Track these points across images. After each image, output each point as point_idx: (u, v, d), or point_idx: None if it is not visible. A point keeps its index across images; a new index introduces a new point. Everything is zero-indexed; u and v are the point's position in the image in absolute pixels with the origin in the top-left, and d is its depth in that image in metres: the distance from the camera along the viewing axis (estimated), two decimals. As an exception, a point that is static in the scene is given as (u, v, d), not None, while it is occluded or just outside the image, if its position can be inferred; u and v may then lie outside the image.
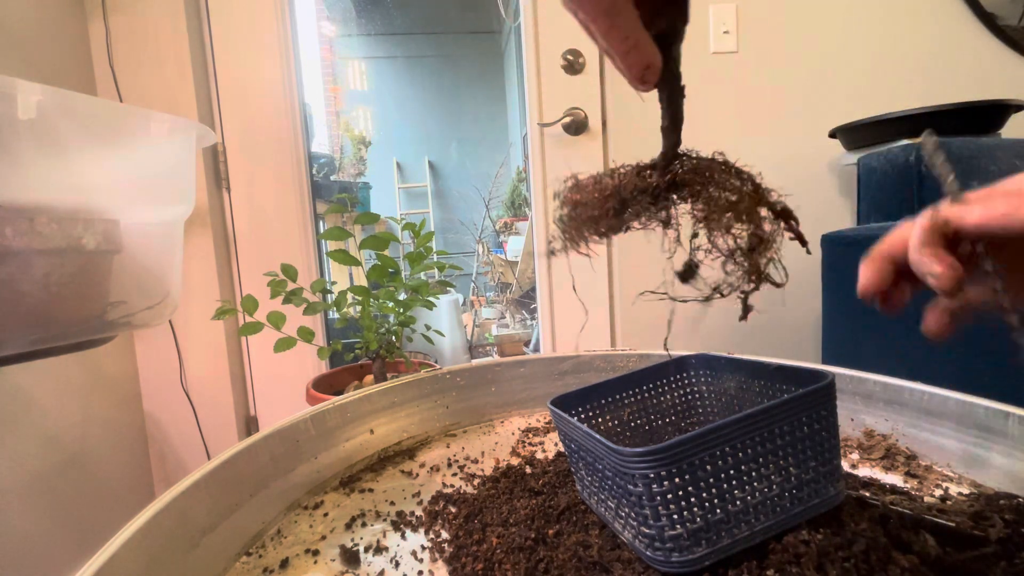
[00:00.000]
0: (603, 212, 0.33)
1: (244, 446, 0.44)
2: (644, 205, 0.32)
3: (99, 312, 0.68)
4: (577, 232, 0.34)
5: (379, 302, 0.82)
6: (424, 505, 0.45)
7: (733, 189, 0.31)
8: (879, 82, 1.38)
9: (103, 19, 1.22)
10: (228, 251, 1.36)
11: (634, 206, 0.33)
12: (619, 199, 0.32)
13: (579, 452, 0.37)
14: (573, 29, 1.37)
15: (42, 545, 0.99)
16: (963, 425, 0.46)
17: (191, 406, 1.33)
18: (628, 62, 0.28)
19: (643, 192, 0.32)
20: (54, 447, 1.05)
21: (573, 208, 0.34)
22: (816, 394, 0.31)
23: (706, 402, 0.46)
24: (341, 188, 2.79)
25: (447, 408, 0.62)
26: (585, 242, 0.34)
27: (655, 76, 0.29)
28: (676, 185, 0.32)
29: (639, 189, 0.32)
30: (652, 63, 0.29)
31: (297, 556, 0.39)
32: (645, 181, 0.32)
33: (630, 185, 0.32)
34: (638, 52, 0.28)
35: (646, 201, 0.32)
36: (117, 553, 0.30)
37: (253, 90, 1.33)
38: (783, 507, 0.31)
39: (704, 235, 0.32)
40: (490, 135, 4.37)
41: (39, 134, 0.56)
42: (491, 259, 3.30)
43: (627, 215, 0.33)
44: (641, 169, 0.33)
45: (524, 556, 0.34)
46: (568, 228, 0.34)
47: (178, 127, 0.75)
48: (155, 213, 0.76)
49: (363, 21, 4.30)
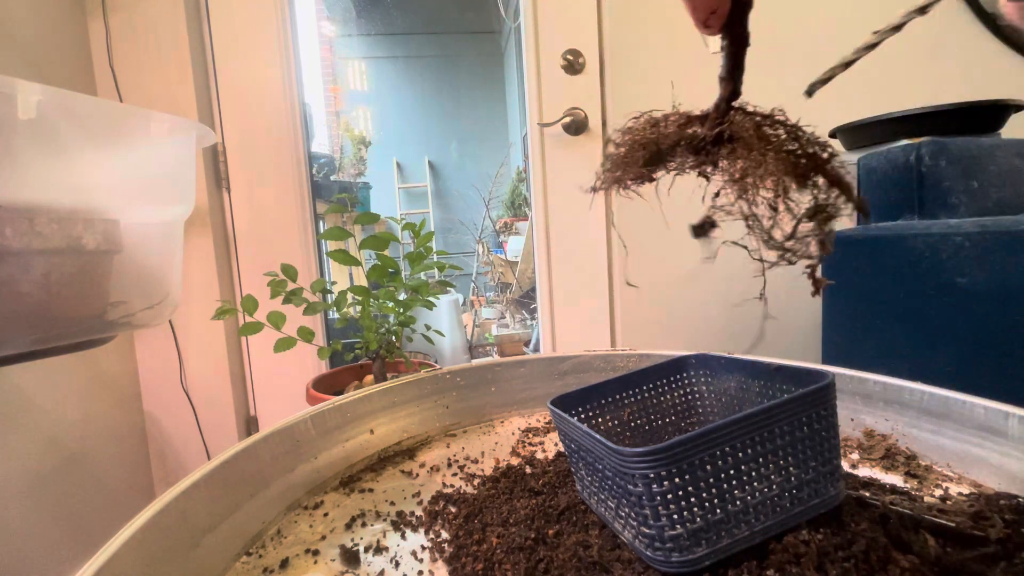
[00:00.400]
0: (636, 158, 0.31)
1: (244, 446, 0.44)
2: (683, 157, 0.31)
3: (99, 312, 0.68)
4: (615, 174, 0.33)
5: (379, 302, 0.82)
6: (424, 505, 0.45)
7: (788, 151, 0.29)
8: (879, 82, 1.38)
9: (103, 19, 1.22)
10: (228, 251, 1.36)
11: (673, 158, 0.31)
12: (656, 148, 0.31)
13: (579, 452, 0.37)
14: (573, 29, 1.37)
15: (42, 545, 0.99)
16: (963, 425, 0.46)
17: (191, 406, 1.33)
18: (694, 3, 0.27)
19: (685, 144, 0.31)
20: (54, 447, 1.05)
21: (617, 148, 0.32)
22: (816, 394, 0.31)
23: (706, 402, 0.46)
24: (341, 188, 2.79)
25: (447, 408, 0.62)
26: (621, 185, 0.33)
27: (719, 22, 0.27)
28: (723, 139, 0.30)
29: (682, 140, 0.31)
30: (719, 7, 0.27)
31: (297, 556, 0.39)
32: (686, 133, 0.31)
33: (672, 136, 0.31)
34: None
35: (686, 153, 0.31)
36: (117, 553, 0.30)
37: (253, 90, 1.33)
38: (783, 507, 0.31)
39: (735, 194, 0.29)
40: (490, 135, 4.37)
41: (39, 134, 0.56)
42: (491, 259, 3.30)
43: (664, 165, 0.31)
44: (690, 120, 0.31)
45: (524, 556, 0.34)
46: (610, 168, 0.33)
47: (178, 127, 0.75)
48: (155, 213, 0.76)
49: (363, 21, 4.30)
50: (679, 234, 1.46)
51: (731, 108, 0.30)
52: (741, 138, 0.29)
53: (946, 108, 1.06)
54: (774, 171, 0.28)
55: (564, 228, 1.43)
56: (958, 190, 0.88)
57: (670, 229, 1.39)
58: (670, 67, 1.36)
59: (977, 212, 0.87)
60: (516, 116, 4.00)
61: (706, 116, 0.31)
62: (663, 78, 1.37)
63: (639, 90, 1.36)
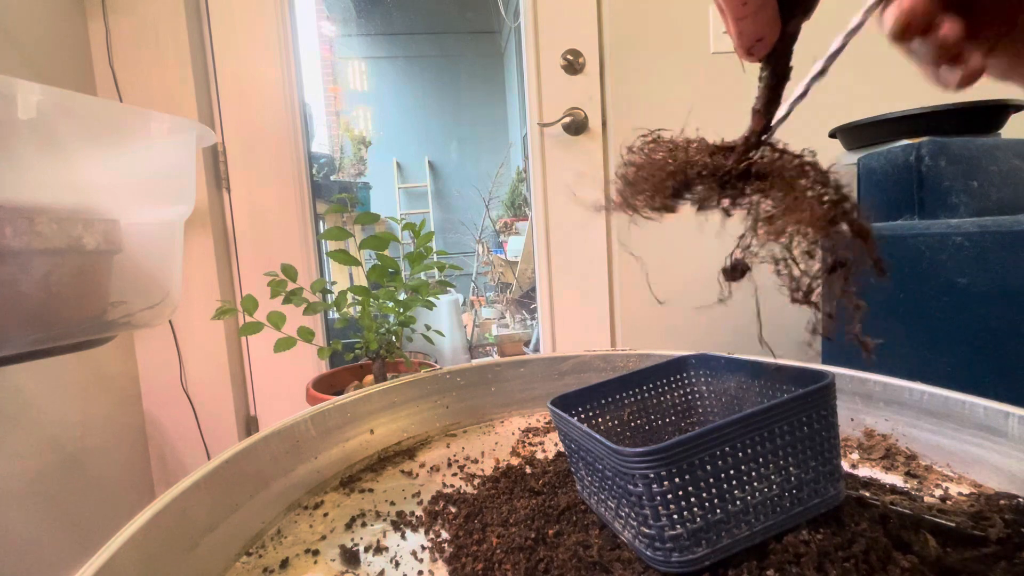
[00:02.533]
0: (661, 187, 0.29)
1: (244, 446, 0.44)
2: (708, 190, 0.29)
3: (99, 312, 0.68)
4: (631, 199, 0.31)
5: (379, 302, 0.82)
6: (424, 505, 0.45)
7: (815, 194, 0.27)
8: (879, 82, 1.38)
9: (103, 19, 1.21)
10: (228, 251, 1.36)
11: (697, 189, 0.29)
12: (683, 178, 0.29)
13: (579, 452, 0.37)
14: (573, 29, 1.37)
15: (42, 545, 0.99)
16: (963, 425, 0.46)
17: (191, 406, 1.33)
18: (740, 28, 0.25)
19: (711, 175, 0.29)
20: (54, 447, 1.05)
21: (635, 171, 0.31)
22: (816, 394, 0.31)
23: (706, 402, 0.46)
24: (341, 188, 2.79)
25: (447, 408, 0.62)
26: (635, 211, 0.31)
27: (764, 51, 0.26)
28: (750, 174, 0.29)
29: (708, 171, 0.29)
30: (766, 36, 0.25)
31: (297, 556, 0.39)
32: (716, 163, 0.29)
33: (699, 165, 0.29)
34: (754, 20, 0.24)
35: (712, 186, 0.29)
36: (117, 553, 0.30)
37: (253, 90, 1.33)
38: (783, 507, 0.31)
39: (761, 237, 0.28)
40: (490, 135, 4.37)
41: (39, 134, 0.56)
42: (491, 259, 3.30)
43: (686, 197, 0.30)
44: (716, 149, 0.30)
45: (524, 556, 0.34)
46: (624, 191, 0.31)
47: (178, 127, 0.75)
48: (155, 213, 0.76)
49: (363, 21, 4.30)
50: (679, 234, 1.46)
51: (760, 143, 0.29)
52: (774, 177, 0.28)
53: (946, 108, 1.06)
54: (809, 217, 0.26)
55: (564, 228, 1.43)
56: (958, 190, 0.88)
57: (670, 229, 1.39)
58: (670, 67, 1.36)
59: (977, 212, 0.87)
60: (516, 116, 4.00)
61: (731, 148, 0.29)
62: (663, 78, 1.37)
63: (639, 90, 1.36)
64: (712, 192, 0.29)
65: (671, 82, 1.37)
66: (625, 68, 1.37)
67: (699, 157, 0.29)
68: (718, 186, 0.29)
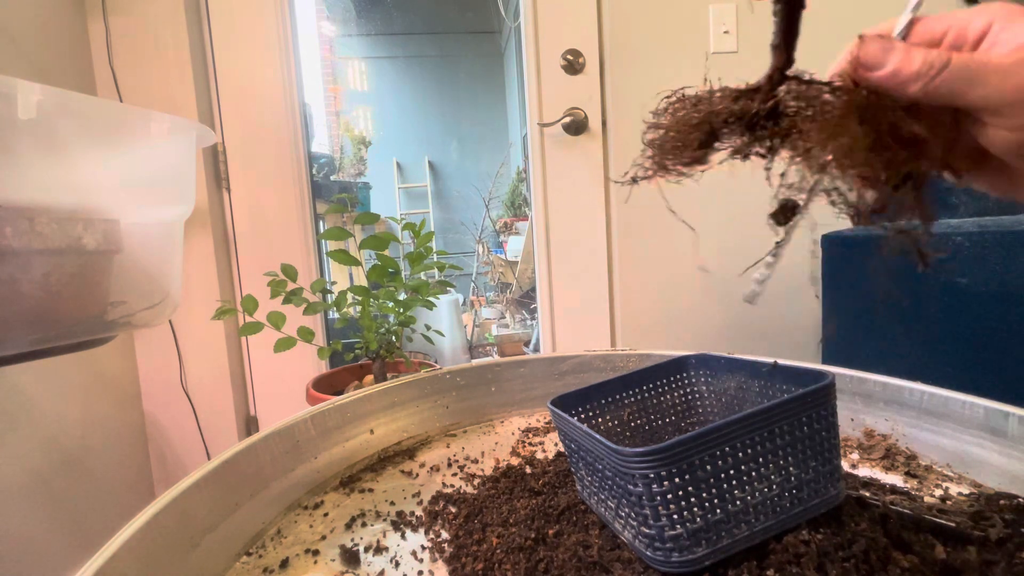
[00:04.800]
0: (689, 141, 0.29)
1: (244, 446, 0.44)
2: (736, 136, 0.28)
3: (99, 312, 0.68)
4: (660, 160, 0.30)
5: (379, 302, 0.82)
6: (424, 505, 0.45)
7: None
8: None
9: (103, 19, 1.21)
10: (228, 251, 1.36)
11: (725, 138, 0.29)
12: (708, 128, 0.28)
13: (579, 452, 0.37)
14: (573, 29, 1.37)
15: (42, 545, 0.99)
16: (963, 425, 0.46)
17: (191, 406, 1.33)
18: None
19: (737, 120, 0.28)
20: (54, 447, 1.05)
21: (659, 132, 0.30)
22: (816, 394, 0.31)
23: (706, 402, 0.46)
24: (341, 188, 2.79)
25: (447, 408, 0.62)
26: (667, 172, 0.30)
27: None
28: (778, 112, 0.27)
29: (733, 117, 0.28)
30: None
31: (297, 556, 0.39)
32: (741, 107, 0.28)
33: (723, 113, 0.28)
34: None
35: (739, 132, 0.28)
36: (117, 553, 0.30)
37: (253, 90, 1.33)
38: (783, 507, 0.31)
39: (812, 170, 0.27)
40: (490, 135, 4.37)
41: (39, 134, 0.56)
42: (491, 259, 3.30)
43: (716, 147, 0.29)
44: (740, 94, 0.29)
45: (524, 556, 0.34)
46: (655, 155, 0.30)
47: (178, 127, 0.75)
48: (155, 213, 0.76)
49: (363, 21, 4.29)
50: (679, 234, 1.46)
51: (785, 78, 0.28)
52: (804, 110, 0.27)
53: (946, 108, 1.06)
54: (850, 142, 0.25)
55: (564, 228, 1.43)
56: (958, 190, 0.88)
57: (669, 229, 1.39)
58: (670, 67, 1.36)
59: (977, 212, 0.87)
60: (516, 116, 4.00)
61: (756, 89, 0.28)
62: (663, 78, 1.36)
63: (639, 90, 1.36)
64: (742, 138, 0.28)
65: (671, 82, 1.36)
66: (625, 68, 1.37)
67: (723, 105, 0.29)
68: (747, 130, 0.28)
